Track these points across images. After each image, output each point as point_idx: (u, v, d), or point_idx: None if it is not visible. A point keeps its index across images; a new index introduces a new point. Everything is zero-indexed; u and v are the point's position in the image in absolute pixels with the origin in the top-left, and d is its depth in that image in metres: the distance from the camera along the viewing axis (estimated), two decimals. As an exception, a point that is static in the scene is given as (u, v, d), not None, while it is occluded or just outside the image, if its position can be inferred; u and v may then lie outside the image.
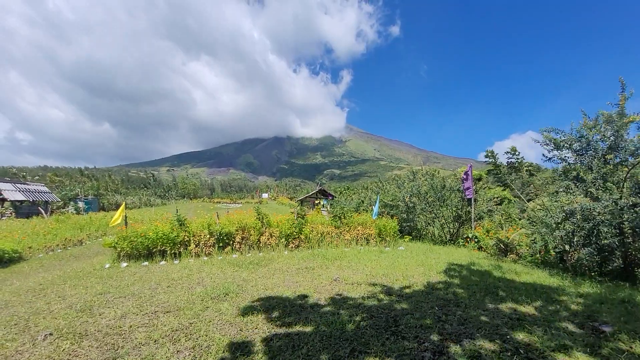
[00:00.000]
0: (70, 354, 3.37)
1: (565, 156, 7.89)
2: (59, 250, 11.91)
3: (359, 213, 13.29)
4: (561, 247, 7.62)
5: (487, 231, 10.74)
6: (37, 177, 63.75)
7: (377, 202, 12.33)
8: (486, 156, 10.48)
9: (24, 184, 28.14)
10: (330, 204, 28.08)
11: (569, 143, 7.59)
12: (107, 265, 8.10)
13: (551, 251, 8.18)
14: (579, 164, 7.72)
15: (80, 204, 30.09)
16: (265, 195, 60.82)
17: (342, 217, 11.47)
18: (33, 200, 26.14)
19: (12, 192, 24.97)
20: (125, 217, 9.28)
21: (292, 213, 11.44)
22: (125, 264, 8.17)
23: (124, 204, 10.48)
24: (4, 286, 6.64)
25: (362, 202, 19.87)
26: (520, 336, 3.62)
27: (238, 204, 45.52)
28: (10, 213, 23.76)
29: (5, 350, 3.48)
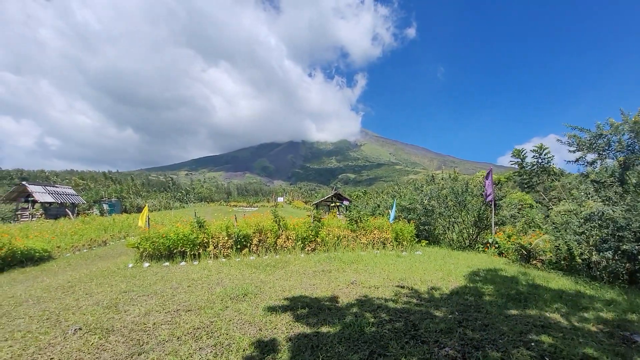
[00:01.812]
0: (98, 348, 3.51)
1: (589, 158, 7.61)
2: (85, 250, 12.42)
3: (375, 217, 13.20)
4: (587, 254, 7.32)
5: (509, 236, 10.43)
6: (65, 180, 66.73)
7: (394, 206, 12.21)
8: (513, 155, 9.99)
9: (53, 186, 29.52)
10: (347, 208, 27.99)
11: (591, 143, 7.31)
12: (130, 265, 8.39)
13: (577, 258, 7.86)
14: (599, 166, 7.44)
15: (104, 206, 31.27)
16: (280, 199, 61.29)
17: (359, 220, 11.43)
18: (61, 202, 27.38)
19: (42, 195, 26.24)
20: (148, 218, 9.59)
21: (309, 216, 11.50)
22: (147, 264, 8.43)
23: (146, 206, 10.84)
24: (36, 283, 6.99)
25: (378, 206, 19.73)
26: (546, 343, 3.50)
27: (254, 207, 46.06)
28: (40, 214, 24.97)
29: (39, 342, 3.66)
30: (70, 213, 25.64)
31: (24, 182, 27.04)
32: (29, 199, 26.09)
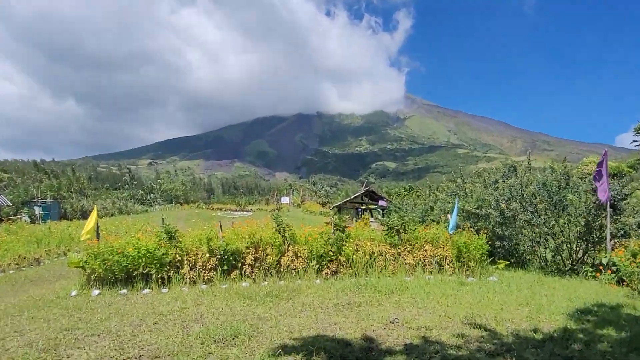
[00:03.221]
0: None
1: None
2: (11, 272, 12.99)
3: (427, 225, 13.10)
4: None
5: (634, 255, 10.13)
6: (-19, 174, 69.73)
7: (455, 208, 12.09)
8: (636, 132, 9.33)
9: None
10: (384, 212, 27.91)
11: None
12: (73, 293, 8.73)
13: None
14: None
15: (37, 210, 32.50)
16: (286, 200, 61.73)
17: (402, 230, 11.40)
18: (-24, 204, 28.64)
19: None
20: (98, 227, 9.91)
21: (327, 224, 11.57)
22: (97, 292, 8.75)
23: (95, 209, 11.19)
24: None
25: (431, 209, 19.53)
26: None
27: (247, 211, 46.77)
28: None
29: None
30: (-11, 219, 26.80)
31: None
32: None
